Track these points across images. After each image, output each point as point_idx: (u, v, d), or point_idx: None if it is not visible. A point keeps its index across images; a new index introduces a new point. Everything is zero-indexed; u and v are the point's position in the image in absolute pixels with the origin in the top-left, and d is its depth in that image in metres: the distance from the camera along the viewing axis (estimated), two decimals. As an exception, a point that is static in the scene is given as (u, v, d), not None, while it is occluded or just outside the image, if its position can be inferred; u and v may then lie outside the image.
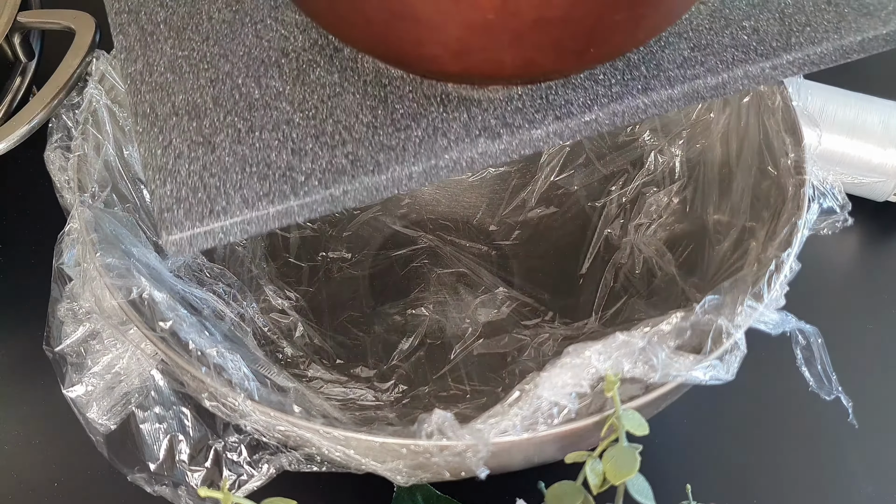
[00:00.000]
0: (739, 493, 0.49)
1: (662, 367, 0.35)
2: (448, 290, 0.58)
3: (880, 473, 0.50)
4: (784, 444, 0.51)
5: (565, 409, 0.35)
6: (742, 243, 0.47)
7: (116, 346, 0.41)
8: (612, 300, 0.54)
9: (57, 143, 0.46)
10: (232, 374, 0.39)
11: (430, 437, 0.34)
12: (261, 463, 0.39)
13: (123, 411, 0.41)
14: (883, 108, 0.59)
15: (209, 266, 0.48)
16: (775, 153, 0.47)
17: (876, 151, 0.58)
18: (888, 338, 0.56)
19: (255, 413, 0.36)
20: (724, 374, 0.37)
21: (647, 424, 0.36)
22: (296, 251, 0.57)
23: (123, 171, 0.46)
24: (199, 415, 0.40)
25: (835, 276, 0.60)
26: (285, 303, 0.53)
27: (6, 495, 0.48)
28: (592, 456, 0.36)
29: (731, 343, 0.38)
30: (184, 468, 0.39)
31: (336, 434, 0.35)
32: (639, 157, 0.56)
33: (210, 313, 0.44)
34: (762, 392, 0.52)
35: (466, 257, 0.59)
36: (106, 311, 0.40)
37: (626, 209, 0.56)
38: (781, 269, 0.40)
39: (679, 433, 0.51)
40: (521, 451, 0.37)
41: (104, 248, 0.41)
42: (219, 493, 0.34)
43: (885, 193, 0.60)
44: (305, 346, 0.52)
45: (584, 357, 0.34)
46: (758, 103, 0.49)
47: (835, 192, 0.44)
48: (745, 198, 0.48)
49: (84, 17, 0.51)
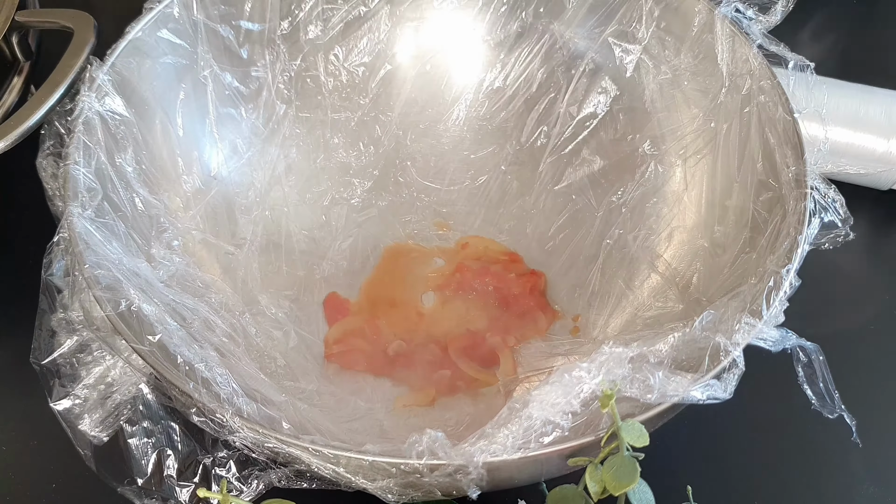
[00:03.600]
0: (740, 493, 0.48)
1: (659, 386, 0.35)
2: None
3: (882, 474, 0.49)
4: (785, 444, 0.50)
5: (557, 428, 0.34)
6: (741, 257, 0.46)
7: (107, 358, 0.41)
8: (614, 312, 0.54)
9: (49, 150, 0.46)
10: (221, 389, 0.38)
11: (420, 456, 0.33)
12: (250, 479, 0.38)
13: (115, 423, 0.40)
14: (885, 98, 0.60)
15: (200, 275, 0.48)
16: (776, 166, 0.46)
17: (879, 141, 0.59)
18: (891, 333, 0.56)
19: (243, 429, 0.35)
20: (723, 393, 0.37)
21: (647, 435, 0.35)
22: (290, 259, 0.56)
23: (116, 179, 0.46)
24: (188, 429, 0.40)
25: (839, 267, 0.59)
26: (279, 312, 0.52)
27: (4, 497, 0.48)
28: (594, 462, 0.35)
29: (730, 361, 0.37)
30: (172, 483, 0.39)
31: (326, 452, 0.35)
32: (638, 167, 0.56)
33: (200, 324, 0.44)
34: (764, 394, 0.52)
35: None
36: (95, 322, 0.40)
37: (626, 219, 0.56)
38: (781, 286, 0.40)
39: (679, 433, 0.50)
40: (517, 470, 0.37)
41: (93, 259, 0.40)
42: (218, 495, 0.34)
43: (889, 182, 0.60)
44: (298, 356, 0.52)
45: (574, 375, 0.34)
46: (759, 114, 0.48)
47: (836, 205, 0.44)
48: (744, 211, 0.48)
49: (83, 17, 0.50)
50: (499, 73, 0.61)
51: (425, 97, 0.62)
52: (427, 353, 0.52)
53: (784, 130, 0.46)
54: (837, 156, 0.59)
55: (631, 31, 0.55)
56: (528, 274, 0.57)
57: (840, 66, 0.56)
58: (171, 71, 0.52)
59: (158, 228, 0.48)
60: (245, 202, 0.56)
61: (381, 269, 0.58)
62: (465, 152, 0.62)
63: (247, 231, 0.55)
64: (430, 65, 0.61)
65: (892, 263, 0.60)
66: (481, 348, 0.53)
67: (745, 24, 0.50)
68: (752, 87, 0.49)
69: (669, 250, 0.53)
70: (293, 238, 0.57)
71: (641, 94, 0.56)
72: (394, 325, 0.55)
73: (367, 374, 0.52)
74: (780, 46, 0.49)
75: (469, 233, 0.60)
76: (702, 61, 0.52)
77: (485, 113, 0.62)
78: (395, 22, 0.60)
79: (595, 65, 0.57)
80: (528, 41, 0.59)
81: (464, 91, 0.62)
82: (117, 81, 0.48)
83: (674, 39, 0.54)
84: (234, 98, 0.55)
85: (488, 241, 0.60)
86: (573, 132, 0.59)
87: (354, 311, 0.55)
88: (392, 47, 0.61)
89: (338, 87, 0.60)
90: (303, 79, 0.58)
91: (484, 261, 0.58)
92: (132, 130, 0.48)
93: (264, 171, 0.57)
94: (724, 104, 0.51)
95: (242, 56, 0.55)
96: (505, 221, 0.60)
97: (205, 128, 0.54)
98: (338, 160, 0.60)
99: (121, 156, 0.47)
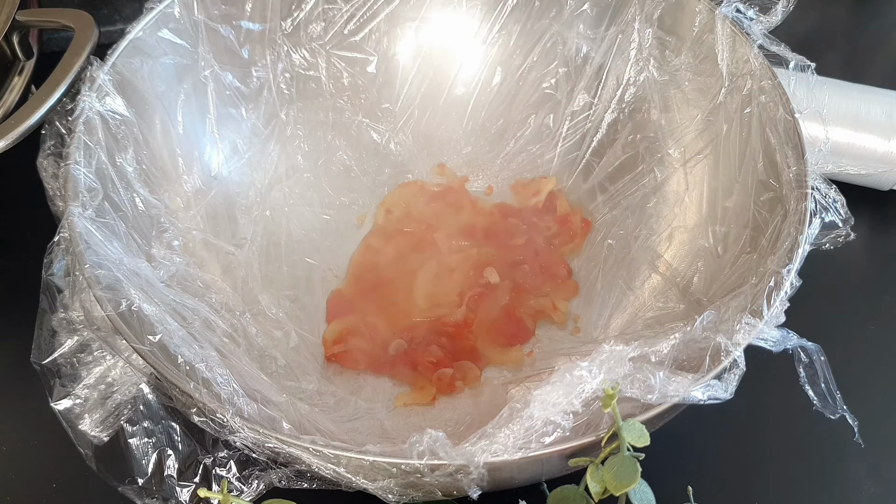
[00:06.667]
0: (740, 493, 0.48)
1: (660, 387, 0.35)
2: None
3: (883, 475, 0.49)
4: (786, 445, 0.50)
5: (558, 428, 0.34)
6: (742, 257, 0.46)
7: (107, 358, 0.41)
8: (615, 312, 0.54)
9: (50, 150, 0.46)
10: (221, 389, 0.38)
11: (421, 456, 0.33)
12: (250, 479, 0.38)
13: (116, 423, 0.40)
14: (885, 98, 0.60)
15: (201, 275, 0.48)
16: (777, 166, 0.46)
17: (880, 142, 0.59)
18: (891, 333, 0.56)
19: (243, 430, 0.35)
20: (723, 394, 0.37)
21: (648, 435, 0.35)
22: (290, 259, 0.56)
23: (116, 179, 0.46)
24: (189, 429, 0.40)
25: (839, 266, 0.59)
26: (279, 312, 0.52)
27: (5, 496, 0.48)
28: (595, 462, 0.35)
29: (730, 361, 0.37)
30: (172, 483, 0.39)
31: (326, 452, 0.35)
32: (639, 167, 0.56)
33: (201, 324, 0.44)
34: (765, 393, 0.52)
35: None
36: (95, 322, 0.40)
37: (627, 219, 0.56)
38: (782, 286, 0.40)
39: (680, 432, 0.50)
40: (518, 470, 0.37)
41: (94, 259, 0.40)
42: (218, 495, 0.34)
43: (890, 182, 0.60)
44: (299, 356, 0.52)
45: (575, 375, 0.33)
46: (759, 114, 0.48)
47: (837, 206, 0.44)
48: (745, 211, 0.47)
49: (83, 16, 0.50)
50: (500, 74, 0.61)
51: (426, 97, 0.62)
52: (428, 353, 0.52)
53: (785, 131, 0.46)
54: (838, 156, 0.59)
55: (631, 32, 0.55)
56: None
57: (840, 66, 0.56)
58: (171, 71, 0.52)
59: (159, 228, 0.48)
60: (245, 202, 0.56)
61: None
62: (466, 152, 0.62)
63: (247, 231, 0.55)
64: (431, 65, 0.61)
65: (893, 263, 0.60)
66: (510, 321, 0.54)
67: (746, 25, 0.50)
68: (752, 87, 0.49)
69: (670, 250, 0.53)
70: (294, 238, 0.57)
71: (642, 95, 0.56)
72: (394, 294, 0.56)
73: (368, 373, 0.52)
74: (781, 46, 0.49)
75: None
76: (702, 61, 0.52)
77: (485, 114, 0.62)
78: (396, 22, 0.60)
79: (596, 65, 0.57)
80: (530, 42, 0.59)
81: (464, 91, 0.62)
82: (118, 81, 0.48)
83: (674, 39, 0.54)
84: (234, 98, 0.55)
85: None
86: (573, 132, 0.59)
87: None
88: (393, 47, 0.61)
89: (339, 88, 0.60)
90: (304, 79, 0.58)
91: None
92: (133, 130, 0.48)
93: (265, 170, 0.57)
94: (725, 104, 0.51)
95: (243, 56, 0.55)
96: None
97: (205, 128, 0.54)
98: (338, 160, 0.60)
99: (121, 156, 0.47)
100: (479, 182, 0.62)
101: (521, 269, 0.56)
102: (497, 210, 0.60)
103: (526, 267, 0.56)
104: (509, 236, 0.58)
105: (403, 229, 0.59)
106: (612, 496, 0.35)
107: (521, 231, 0.58)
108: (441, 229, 0.59)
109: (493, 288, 0.55)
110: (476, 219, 0.59)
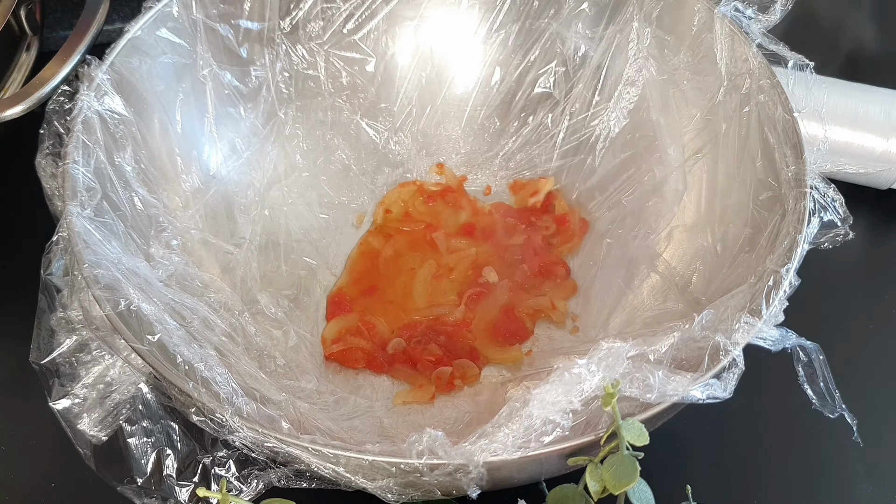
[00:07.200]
0: (740, 493, 0.48)
1: (659, 386, 0.35)
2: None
3: (881, 474, 0.49)
4: (785, 444, 0.50)
5: (558, 427, 0.34)
6: (741, 256, 0.46)
7: (106, 357, 0.41)
8: (613, 311, 0.54)
9: (48, 149, 0.46)
10: (220, 388, 0.38)
11: (420, 456, 0.33)
12: (250, 478, 0.38)
13: (115, 423, 0.40)
14: (884, 97, 0.60)
15: (199, 275, 0.48)
16: (776, 165, 0.46)
17: (878, 141, 0.59)
18: (890, 333, 0.56)
19: (242, 429, 0.35)
20: (722, 393, 0.37)
21: (647, 434, 0.35)
22: (289, 258, 0.56)
23: (115, 179, 0.46)
24: (188, 429, 0.40)
25: (838, 264, 0.59)
26: (278, 312, 0.52)
27: (4, 497, 0.48)
28: (594, 461, 0.35)
29: (729, 360, 0.37)
30: (172, 483, 0.39)
31: (325, 451, 0.35)
32: (638, 166, 0.56)
33: (200, 324, 0.44)
34: (763, 391, 0.52)
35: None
36: (94, 321, 0.40)
37: (626, 218, 0.56)
38: (780, 285, 0.40)
39: (679, 432, 0.50)
40: (518, 470, 0.37)
41: (92, 258, 0.40)
42: (218, 495, 0.34)
43: (889, 181, 0.61)
44: (298, 355, 0.52)
45: (573, 373, 0.33)
46: (758, 113, 0.48)
47: (836, 205, 0.44)
48: (744, 210, 0.47)
49: None
50: (499, 73, 0.61)
51: (425, 97, 0.62)
52: (427, 351, 0.52)
53: (783, 130, 0.46)
54: (837, 155, 0.59)
55: (630, 31, 0.55)
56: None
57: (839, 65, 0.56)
58: (170, 70, 0.52)
59: (157, 228, 0.48)
60: (244, 201, 0.56)
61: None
62: (464, 152, 0.62)
63: (246, 230, 0.55)
64: (430, 64, 0.61)
65: (892, 262, 0.60)
66: (508, 320, 0.54)
67: (745, 24, 0.50)
68: (751, 86, 0.49)
69: (669, 250, 0.53)
70: (292, 237, 0.57)
71: (641, 94, 0.56)
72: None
73: (367, 371, 0.52)
74: (780, 45, 0.49)
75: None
76: (701, 60, 0.52)
77: (484, 113, 0.62)
78: (395, 21, 0.60)
79: (595, 64, 0.57)
80: (529, 41, 0.59)
81: (463, 91, 0.62)
82: (116, 80, 0.48)
83: (673, 39, 0.54)
84: (233, 97, 0.55)
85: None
86: (573, 132, 0.59)
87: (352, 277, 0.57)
88: (392, 47, 0.60)
89: (338, 87, 0.60)
90: (302, 78, 0.58)
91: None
92: (131, 129, 0.48)
93: (264, 170, 0.57)
94: (724, 103, 0.51)
95: (242, 55, 0.55)
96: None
97: (204, 127, 0.54)
98: (337, 160, 0.60)
99: (120, 155, 0.47)
100: (477, 181, 0.62)
101: (519, 268, 0.56)
102: (496, 209, 0.60)
103: (524, 266, 0.56)
104: (508, 236, 0.58)
105: (402, 228, 0.59)
106: (611, 495, 0.35)
107: (520, 230, 0.58)
108: (440, 229, 0.59)
109: (492, 287, 0.55)
110: (475, 218, 0.60)
